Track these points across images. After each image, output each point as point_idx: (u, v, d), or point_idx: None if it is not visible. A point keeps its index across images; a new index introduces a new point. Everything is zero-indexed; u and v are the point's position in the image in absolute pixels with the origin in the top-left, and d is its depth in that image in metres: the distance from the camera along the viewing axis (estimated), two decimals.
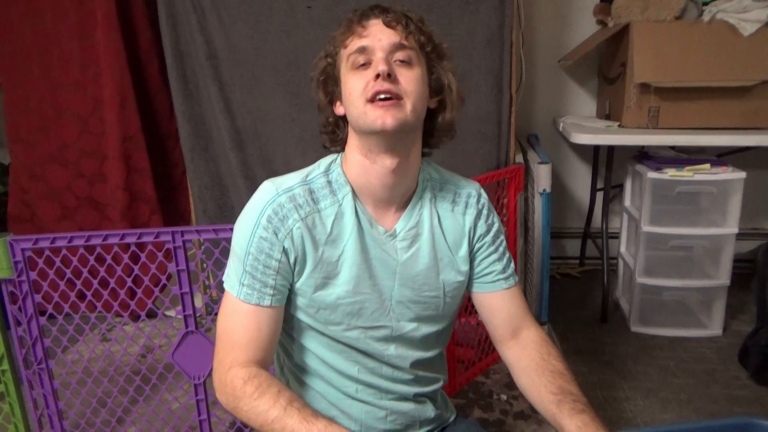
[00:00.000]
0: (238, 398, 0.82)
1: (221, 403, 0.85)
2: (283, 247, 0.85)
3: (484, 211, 0.97)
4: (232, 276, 0.88)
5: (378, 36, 0.82)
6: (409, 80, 0.82)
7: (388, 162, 0.85)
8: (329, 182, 0.89)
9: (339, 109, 0.89)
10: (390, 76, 0.81)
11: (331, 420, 0.78)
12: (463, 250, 0.95)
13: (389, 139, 0.83)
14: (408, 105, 0.82)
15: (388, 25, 0.83)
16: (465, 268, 0.95)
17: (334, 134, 0.92)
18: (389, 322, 0.92)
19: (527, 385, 0.94)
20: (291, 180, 0.88)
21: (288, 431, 0.77)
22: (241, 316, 0.86)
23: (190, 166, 2.25)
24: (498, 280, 0.96)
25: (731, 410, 1.78)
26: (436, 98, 0.89)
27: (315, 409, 0.81)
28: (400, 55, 0.83)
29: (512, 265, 0.99)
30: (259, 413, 0.80)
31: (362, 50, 0.82)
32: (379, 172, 0.86)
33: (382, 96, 0.80)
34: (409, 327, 0.93)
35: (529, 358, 0.94)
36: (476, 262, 0.97)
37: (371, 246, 0.89)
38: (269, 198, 0.86)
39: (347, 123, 0.89)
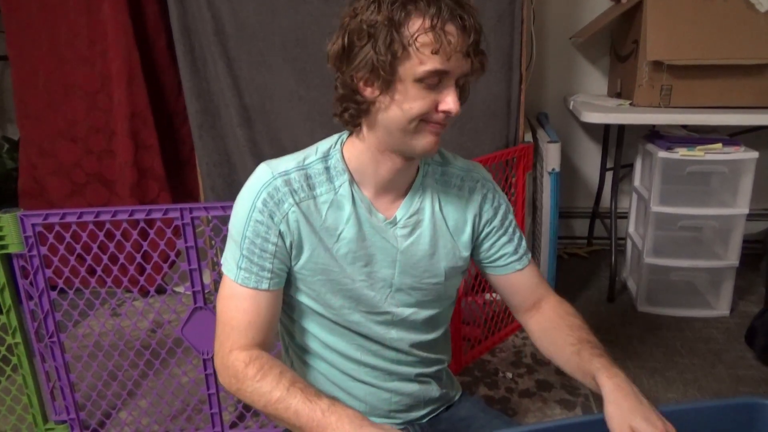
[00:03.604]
0: (240, 381, 0.82)
1: (223, 385, 0.85)
2: (279, 230, 0.84)
3: (489, 194, 0.95)
4: (229, 260, 0.87)
5: (459, 65, 0.77)
6: (459, 107, 0.80)
7: (400, 162, 0.85)
8: (327, 168, 0.87)
9: (369, 92, 0.79)
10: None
11: (334, 399, 0.78)
12: (466, 235, 0.93)
13: (423, 157, 0.85)
14: (448, 125, 0.82)
15: (467, 54, 0.77)
16: (466, 254, 0.94)
17: (357, 112, 0.82)
18: (389, 308, 0.91)
19: (549, 345, 0.94)
20: (287, 163, 0.86)
21: (291, 411, 0.77)
22: (239, 300, 0.86)
23: (198, 143, 2.25)
24: (511, 262, 0.96)
25: (737, 390, 1.78)
26: None
27: (319, 389, 0.81)
28: (460, 81, 0.80)
29: (524, 243, 0.98)
30: (262, 394, 0.80)
31: (440, 73, 0.76)
32: (389, 166, 0.85)
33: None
34: (408, 312, 0.93)
35: (548, 320, 0.95)
36: (486, 246, 0.96)
37: (369, 234, 0.88)
38: (265, 181, 0.84)
39: (371, 108, 0.81)
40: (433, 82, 0.77)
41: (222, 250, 2.20)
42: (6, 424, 1.61)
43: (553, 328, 0.94)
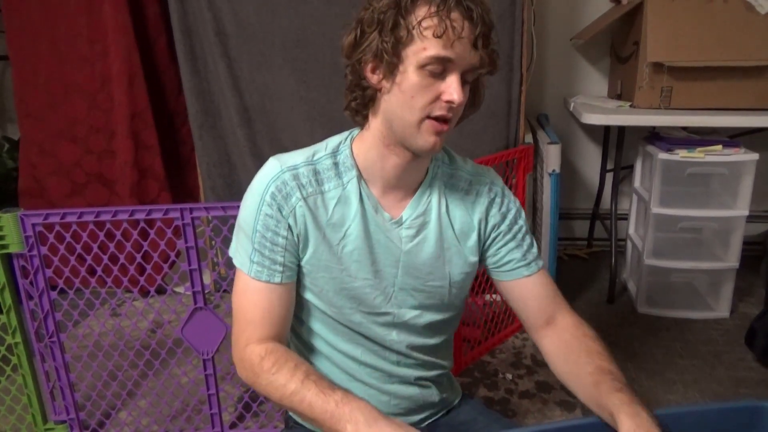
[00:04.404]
0: (256, 374, 0.83)
1: (242, 378, 0.86)
2: (288, 224, 0.85)
3: (497, 199, 0.94)
4: (241, 253, 0.87)
5: (465, 55, 0.76)
6: (464, 98, 0.80)
7: (408, 157, 0.85)
8: (336, 164, 0.87)
9: (376, 79, 0.81)
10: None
11: (347, 391, 0.78)
12: (472, 240, 0.92)
13: (425, 155, 0.83)
14: (453, 123, 0.81)
15: (476, 46, 0.76)
16: (474, 258, 0.93)
17: (362, 101, 0.84)
18: (391, 308, 0.91)
19: (566, 373, 0.89)
20: (296, 158, 0.86)
21: (306, 403, 0.77)
22: (253, 294, 0.86)
23: (198, 143, 2.25)
24: (518, 267, 0.93)
25: (736, 392, 1.78)
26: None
27: (331, 381, 0.81)
28: (469, 75, 0.79)
29: (534, 250, 0.95)
30: (277, 387, 0.80)
31: (444, 61, 0.76)
32: (395, 162, 0.85)
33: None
34: (411, 314, 0.92)
35: (565, 343, 0.90)
36: (493, 250, 0.94)
37: (375, 232, 0.88)
38: (273, 175, 0.85)
39: (377, 96, 0.83)
40: (437, 70, 0.76)
41: (222, 251, 2.20)
42: (6, 423, 1.61)
43: (569, 352, 0.89)
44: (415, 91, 0.77)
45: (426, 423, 1.02)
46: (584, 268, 2.66)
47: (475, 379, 1.83)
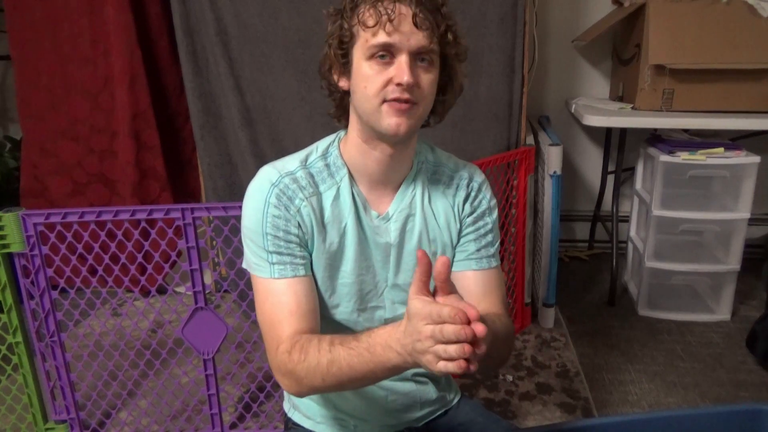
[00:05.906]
0: (292, 371, 0.79)
1: (290, 392, 0.84)
2: (297, 221, 0.86)
3: (473, 193, 0.95)
4: (258, 262, 0.86)
5: (407, 36, 0.78)
6: (427, 84, 0.81)
7: (387, 149, 0.86)
8: (327, 165, 0.89)
9: (342, 83, 0.86)
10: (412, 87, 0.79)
11: (370, 331, 0.74)
12: (455, 231, 0.94)
13: (393, 139, 0.84)
14: (420, 109, 0.82)
15: (418, 25, 0.78)
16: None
17: (340, 105, 0.90)
18: (383, 303, 0.93)
19: None
20: (291, 164, 0.88)
21: (346, 367, 0.74)
22: (278, 295, 0.85)
23: (199, 143, 2.25)
24: (467, 260, 0.94)
25: (737, 395, 1.78)
26: (440, 91, 0.87)
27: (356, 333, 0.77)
28: (425, 56, 0.80)
29: (492, 250, 0.95)
30: (315, 370, 0.77)
31: (387, 47, 0.78)
32: (377, 157, 0.87)
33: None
34: (403, 310, 0.91)
35: None
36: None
37: (367, 229, 0.90)
38: (273, 180, 0.86)
39: (345, 98, 0.88)
40: (384, 56, 0.79)
41: (223, 251, 2.19)
42: (6, 423, 1.61)
43: None
44: (366, 81, 0.80)
45: (424, 422, 1.02)
46: (585, 270, 2.66)
47: (476, 380, 1.83)
